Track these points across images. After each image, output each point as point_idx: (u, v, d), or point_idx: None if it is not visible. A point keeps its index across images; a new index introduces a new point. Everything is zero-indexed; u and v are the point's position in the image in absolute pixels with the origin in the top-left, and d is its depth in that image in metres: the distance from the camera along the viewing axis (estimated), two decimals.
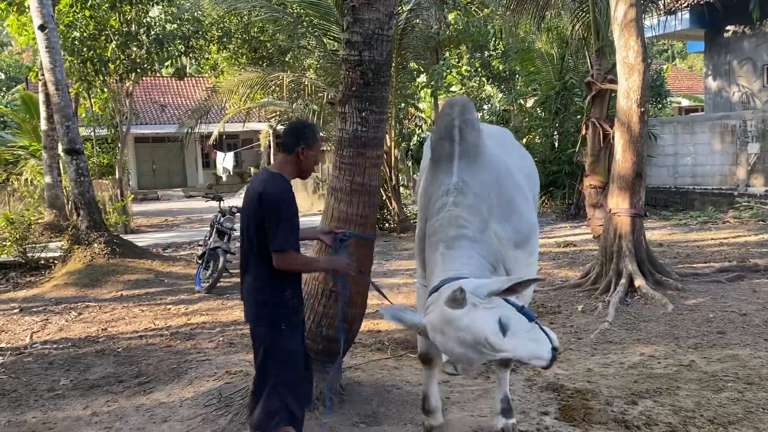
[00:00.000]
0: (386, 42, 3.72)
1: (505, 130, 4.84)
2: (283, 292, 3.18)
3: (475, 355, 2.72)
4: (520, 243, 3.40)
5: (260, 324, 3.20)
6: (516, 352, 2.73)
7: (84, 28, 14.48)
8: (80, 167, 9.67)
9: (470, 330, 2.73)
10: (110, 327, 6.67)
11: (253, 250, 3.15)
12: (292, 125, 3.34)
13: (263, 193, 3.08)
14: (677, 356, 4.94)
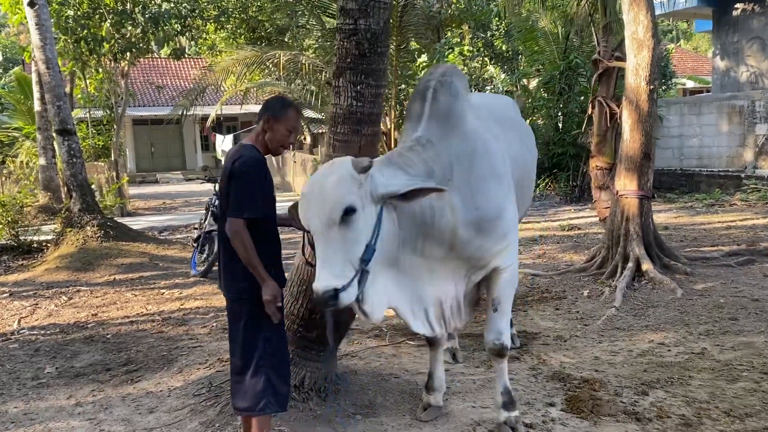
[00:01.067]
0: (383, 9, 3.46)
1: (509, 101, 4.59)
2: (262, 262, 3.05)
3: (321, 219, 2.71)
4: (484, 226, 3.20)
5: (238, 297, 3.10)
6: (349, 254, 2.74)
7: (78, 7, 14.17)
8: (72, 148, 9.43)
9: (333, 191, 2.72)
10: (101, 312, 6.47)
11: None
12: (270, 98, 3.29)
13: (231, 167, 3.01)
14: (688, 343, 4.73)
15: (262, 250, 3.06)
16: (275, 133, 3.11)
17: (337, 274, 2.70)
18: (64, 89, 9.58)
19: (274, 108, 3.12)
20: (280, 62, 11.33)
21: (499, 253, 3.28)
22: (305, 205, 2.79)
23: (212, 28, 17.82)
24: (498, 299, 3.39)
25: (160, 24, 14.31)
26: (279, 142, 3.14)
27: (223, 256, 3.14)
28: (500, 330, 3.42)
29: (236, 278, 3.07)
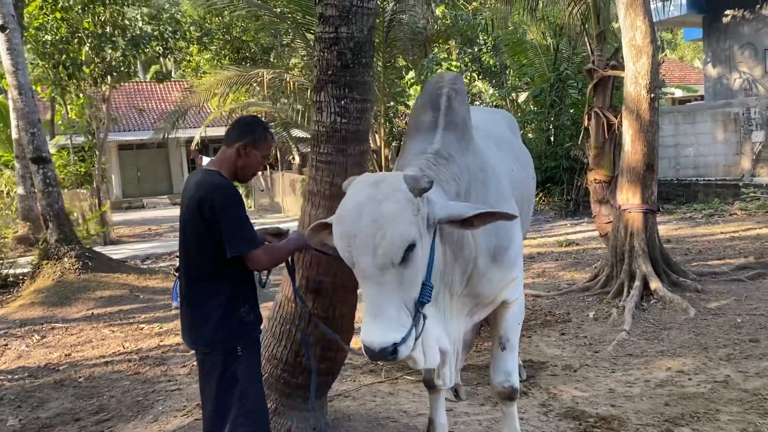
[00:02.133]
0: (367, 16, 3.11)
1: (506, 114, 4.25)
2: (240, 308, 2.71)
3: (373, 257, 2.21)
4: (497, 255, 2.84)
5: (213, 350, 2.70)
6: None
7: (55, 31, 13.82)
8: (48, 176, 9.02)
9: (393, 225, 2.21)
10: (74, 352, 6.03)
11: (199, 264, 2.68)
12: (242, 119, 2.89)
13: (203, 198, 2.60)
14: (709, 371, 4.36)
15: (242, 291, 2.73)
16: (251, 160, 2.77)
17: (394, 326, 2.26)
18: (38, 116, 9.18)
19: (255, 133, 2.76)
20: (264, 81, 10.99)
21: (507, 286, 2.91)
22: (350, 239, 2.27)
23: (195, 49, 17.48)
24: (506, 336, 3.02)
25: (141, 47, 13.96)
26: (253, 170, 2.81)
27: (189, 300, 2.73)
28: (509, 371, 3.04)
29: (206, 325, 2.68)
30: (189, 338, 2.77)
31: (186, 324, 2.77)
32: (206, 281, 2.68)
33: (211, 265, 2.65)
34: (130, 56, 14.04)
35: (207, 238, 2.62)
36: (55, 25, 13.75)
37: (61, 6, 13.47)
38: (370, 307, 2.29)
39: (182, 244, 2.76)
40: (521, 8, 10.82)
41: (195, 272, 2.71)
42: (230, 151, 2.75)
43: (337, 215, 2.37)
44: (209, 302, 2.67)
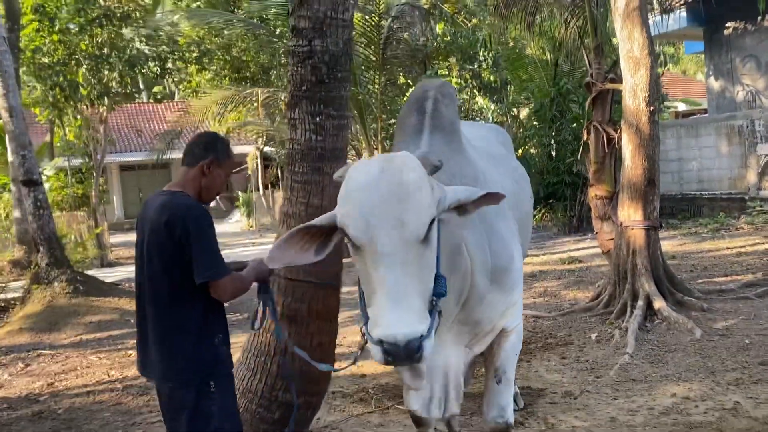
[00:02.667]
0: (342, 28, 2.95)
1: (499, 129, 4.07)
2: (214, 337, 2.51)
3: (397, 231, 1.96)
4: (497, 276, 2.60)
5: (182, 385, 2.49)
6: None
7: (52, 54, 13.81)
8: (39, 199, 8.87)
9: (419, 193, 2.00)
10: (57, 381, 5.82)
11: (168, 292, 2.47)
12: (201, 135, 2.70)
13: (173, 221, 2.41)
14: (717, 397, 4.12)
15: (215, 319, 2.54)
16: (215, 179, 2.60)
17: (419, 316, 1.97)
18: (29, 138, 9.06)
19: (218, 151, 2.58)
20: (259, 100, 10.88)
21: (506, 312, 2.70)
22: (366, 213, 2.00)
23: (195, 70, 17.43)
24: (502, 368, 2.79)
25: (138, 67, 13.92)
26: (217, 190, 2.63)
27: (156, 332, 2.52)
28: (503, 405, 2.81)
29: (177, 358, 2.48)
30: (158, 372, 2.55)
31: (152, 357, 2.55)
32: (175, 309, 2.48)
33: (181, 291, 2.47)
34: (127, 77, 14.00)
35: (177, 263, 2.44)
36: (53, 47, 13.75)
37: (58, 28, 13.47)
38: (389, 294, 1.95)
39: (145, 271, 2.54)
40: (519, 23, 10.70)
41: (162, 300, 2.50)
42: (192, 171, 2.57)
43: (345, 193, 2.10)
44: (179, 332, 2.48)
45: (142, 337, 2.60)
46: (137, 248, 2.58)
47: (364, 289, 2.14)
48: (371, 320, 2.00)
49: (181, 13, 13.75)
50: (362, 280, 2.13)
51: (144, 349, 2.58)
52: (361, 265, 2.07)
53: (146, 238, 2.51)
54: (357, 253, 2.07)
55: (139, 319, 2.61)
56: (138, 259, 2.58)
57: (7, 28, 10.40)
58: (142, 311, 2.58)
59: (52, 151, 17.45)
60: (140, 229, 2.57)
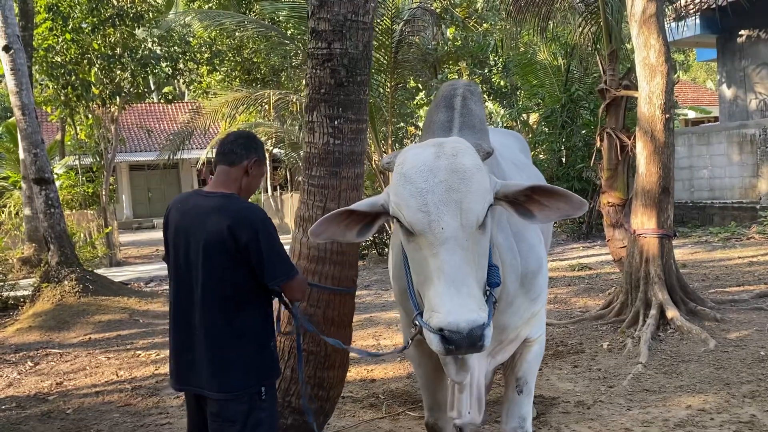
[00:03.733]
0: (362, 30, 2.93)
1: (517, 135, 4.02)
2: (269, 342, 2.45)
3: (457, 215, 1.93)
4: (526, 281, 2.54)
5: (234, 396, 2.37)
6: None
7: (65, 53, 13.86)
8: (50, 198, 8.90)
9: (477, 176, 1.99)
10: (66, 380, 5.82)
11: (228, 297, 2.39)
12: (239, 134, 2.61)
13: (237, 225, 2.34)
14: (733, 409, 4.06)
15: (269, 324, 2.50)
16: (256, 179, 2.56)
17: (479, 303, 1.92)
18: (41, 137, 9.09)
19: (259, 150, 2.54)
20: (270, 102, 10.88)
21: (530, 320, 2.64)
22: (424, 197, 1.96)
23: (206, 71, 17.47)
24: (524, 378, 2.74)
25: (150, 67, 13.95)
26: (254, 189, 2.59)
27: (211, 342, 2.39)
28: (524, 416, 2.77)
29: (232, 369, 2.37)
30: (212, 384, 2.39)
31: (202, 369, 2.40)
32: (238, 315, 2.39)
33: (245, 297, 2.39)
34: (139, 77, 14.03)
35: (239, 267, 2.36)
36: (65, 46, 13.80)
37: (71, 27, 13.52)
38: (449, 280, 1.90)
39: (199, 277, 2.40)
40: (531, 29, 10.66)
41: (222, 307, 2.39)
42: (235, 171, 2.49)
43: (399, 179, 2.04)
44: (240, 339, 2.38)
45: (184, 348, 2.47)
46: (181, 256, 2.46)
47: (415, 278, 2.07)
48: (428, 308, 1.93)
49: (194, 14, 13.73)
50: (415, 268, 2.06)
51: (186, 360, 2.46)
52: (415, 253, 2.02)
53: (201, 244, 2.39)
54: (411, 240, 2.02)
55: (180, 331, 2.49)
56: (182, 266, 2.46)
57: (21, 27, 10.42)
58: (185, 321, 2.46)
59: (62, 150, 17.53)
60: (182, 233, 2.46)
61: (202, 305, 2.40)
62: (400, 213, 2.02)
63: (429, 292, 1.94)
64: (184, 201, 2.55)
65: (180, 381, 2.52)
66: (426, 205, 1.95)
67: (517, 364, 2.75)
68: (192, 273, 2.42)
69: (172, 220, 2.53)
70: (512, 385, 2.78)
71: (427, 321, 1.91)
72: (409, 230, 2.01)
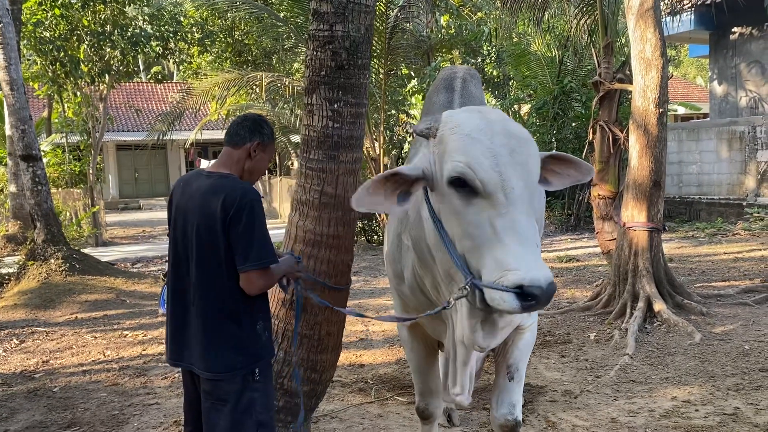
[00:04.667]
0: (365, 13, 2.90)
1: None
2: (257, 324, 2.43)
3: (523, 176, 2.01)
4: None
5: (227, 375, 2.38)
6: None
7: (54, 28, 13.65)
8: (37, 175, 8.80)
9: (531, 139, 2.07)
10: (53, 359, 5.78)
11: (221, 276, 2.37)
12: (247, 116, 2.58)
13: (229, 202, 2.32)
14: (717, 401, 4.12)
15: (261, 305, 2.46)
16: (259, 163, 2.53)
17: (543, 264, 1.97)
18: (30, 113, 8.96)
19: (264, 134, 2.51)
20: (262, 85, 10.79)
21: None
22: (495, 156, 1.99)
23: (196, 51, 17.29)
24: (515, 365, 2.76)
25: (140, 46, 13.78)
26: (259, 174, 2.56)
27: (203, 321, 2.39)
28: (514, 403, 2.79)
29: (227, 349, 2.38)
30: (203, 363, 2.40)
31: (198, 347, 2.41)
32: (226, 297, 2.38)
33: (234, 276, 2.37)
34: (129, 56, 13.86)
35: (227, 247, 2.34)
36: (54, 21, 13.60)
37: (60, 2, 13.32)
38: (522, 238, 1.94)
39: (194, 256, 2.40)
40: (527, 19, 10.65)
41: (212, 286, 2.38)
42: (238, 153, 2.48)
43: (467, 137, 2.04)
44: (232, 320, 2.38)
45: (180, 325, 2.48)
46: (179, 234, 2.46)
47: (468, 243, 2.03)
48: (495, 269, 1.93)
49: None
50: (470, 232, 2.02)
51: (182, 337, 2.47)
52: (474, 216, 2.00)
53: (196, 223, 2.38)
54: (470, 204, 2.01)
55: (177, 308, 2.49)
56: (180, 244, 2.46)
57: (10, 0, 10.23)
58: (181, 299, 2.46)
59: (49, 127, 17.30)
60: (182, 212, 2.45)
61: (196, 284, 2.41)
62: (469, 174, 1.99)
63: (496, 252, 1.93)
64: (187, 181, 2.55)
65: (175, 357, 2.53)
66: (498, 165, 1.97)
67: (509, 351, 2.76)
68: (189, 251, 2.43)
69: (175, 199, 2.53)
70: (503, 372, 2.79)
71: (498, 281, 1.90)
72: (473, 192, 2.00)
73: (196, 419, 2.53)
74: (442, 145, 2.11)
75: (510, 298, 1.88)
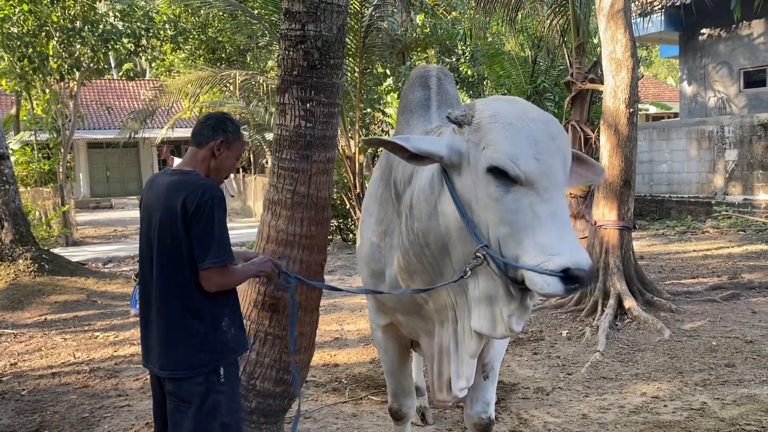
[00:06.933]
0: (337, 13, 2.89)
1: None
2: (221, 321, 2.40)
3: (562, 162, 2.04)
4: None
5: (190, 374, 2.36)
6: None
7: (22, 24, 13.38)
8: (4, 174, 8.62)
9: (568, 141, 2.11)
10: (21, 361, 5.68)
11: (180, 274, 2.35)
12: (210, 115, 2.57)
13: (189, 199, 2.31)
14: (685, 397, 4.20)
15: (224, 302, 2.44)
16: (225, 161, 2.50)
17: None
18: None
19: (229, 132, 2.49)
20: (236, 82, 10.71)
21: None
22: (536, 144, 1.99)
23: (169, 48, 17.07)
24: (490, 364, 2.78)
25: (111, 43, 13.57)
26: (226, 172, 2.54)
27: (165, 319, 2.37)
28: (488, 401, 2.81)
29: (188, 347, 2.35)
30: (164, 363, 2.38)
31: (158, 346, 2.39)
32: (186, 293, 2.36)
33: (193, 274, 2.34)
34: (99, 52, 13.65)
35: (188, 244, 2.33)
36: (23, 17, 13.32)
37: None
38: (563, 224, 1.98)
39: (155, 253, 2.38)
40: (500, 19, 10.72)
41: (172, 283, 2.36)
42: (202, 152, 2.47)
43: (510, 125, 2.02)
44: (192, 317, 2.35)
45: (146, 325, 2.46)
46: (144, 231, 2.46)
47: (504, 230, 2.02)
48: (537, 253, 1.93)
49: None
50: (508, 219, 2.01)
51: (148, 337, 2.46)
52: (513, 203, 2.00)
53: (158, 219, 2.38)
54: (510, 191, 2.00)
55: (144, 307, 2.47)
56: (144, 242, 2.45)
57: None
58: (146, 297, 2.45)
59: (17, 125, 16.95)
60: (147, 210, 2.45)
61: (157, 282, 2.39)
62: (509, 163, 1.99)
63: (539, 237, 1.95)
64: (154, 179, 2.55)
65: (145, 358, 2.51)
66: (540, 153, 1.98)
67: (485, 350, 2.77)
68: (153, 249, 2.41)
69: (144, 198, 2.53)
70: (479, 370, 2.81)
71: (542, 265, 1.91)
72: (511, 179, 1.99)
73: (164, 420, 2.50)
74: (479, 132, 2.08)
75: (554, 281, 1.89)
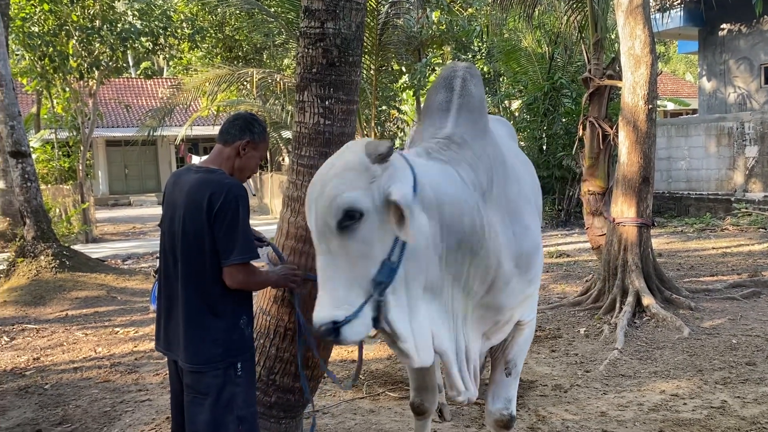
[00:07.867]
0: (356, 11, 2.91)
1: (505, 121, 4.03)
2: (239, 318, 2.47)
3: (312, 222, 2.18)
4: (521, 262, 2.54)
5: (209, 368, 2.42)
6: None
7: (43, 23, 13.56)
8: (26, 171, 8.75)
9: (331, 185, 2.13)
10: (44, 356, 5.76)
11: (205, 270, 2.41)
12: (239, 115, 2.63)
13: (214, 197, 2.36)
14: (705, 395, 4.17)
15: (242, 300, 2.49)
16: (249, 161, 2.56)
17: (338, 302, 2.04)
18: (19, 108, 8.90)
19: (255, 133, 2.55)
20: (254, 80, 10.77)
21: (523, 302, 2.64)
22: (306, 203, 2.18)
23: (186, 47, 17.21)
24: (513, 361, 2.78)
25: (130, 41, 13.71)
26: (249, 171, 2.60)
27: (186, 313, 2.44)
28: (509, 398, 2.81)
29: (207, 342, 2.42)
30: (186, 356, 2.45)
31: (176, 338, 2.48)
32: (210, 289, 2.42)
33: (217, 270, 2.40)
34: (118, 51, 13.79)
35: (211, 240, 2.38)
36: (43, 16, 13.51)
37: None
38: (319, 282, 2.13)
39: (180, 249, 2.44)
40: (517, 15, 10.67)
41: (194, 279, 2.42)
42: (228, 150, 2.53)
43: None
44: (212, 314, 2.42)
45: (168, 316, 2.52)
46: (167, 226, 2.51)
47: None
48: None
49: None
50: None
51: (169, 327, 2.52)
52: None
53: (183, 216, 2.42)
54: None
55: (165, 299, 2.54)
56: (167, 237, 2.51)
57: None
58: (169, 291, 2.51)
59: (38, 123, 17.18)
60: (171, 206, 2.50)
61: (181, 277, 2.45)
62: None
63: None
64: (178, 176, 2.59)
65: (165, 345, 2.57)
66: (306, 209, 2.26)
67: (508, 347, 2.78)
68: (175, 244, 2.47)
69: (166, 193, 2.58)
70: (501, 367, 2.81)
71: None
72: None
73: (182, 413, 2.56)
74: None
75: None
